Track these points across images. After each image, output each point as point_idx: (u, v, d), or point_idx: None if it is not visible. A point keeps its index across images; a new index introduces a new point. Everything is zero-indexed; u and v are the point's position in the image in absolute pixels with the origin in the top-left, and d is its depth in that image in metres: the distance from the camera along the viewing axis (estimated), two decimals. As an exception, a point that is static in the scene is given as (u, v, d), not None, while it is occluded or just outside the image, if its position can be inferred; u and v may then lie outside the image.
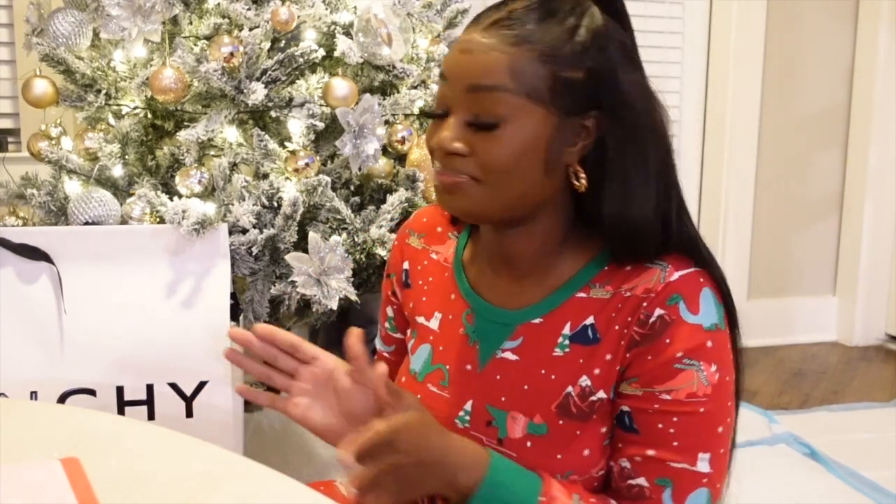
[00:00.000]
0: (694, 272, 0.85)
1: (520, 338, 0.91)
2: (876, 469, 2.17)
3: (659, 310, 0.83)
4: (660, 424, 0.84)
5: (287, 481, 0.73)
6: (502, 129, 0.83)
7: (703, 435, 0.84)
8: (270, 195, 1.46)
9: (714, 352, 0.84)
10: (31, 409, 0.88)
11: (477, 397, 0.92)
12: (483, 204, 0.86)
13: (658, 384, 0.83)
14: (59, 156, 1.55)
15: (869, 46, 3.17)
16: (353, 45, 1.53)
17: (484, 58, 0.82)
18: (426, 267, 1.03)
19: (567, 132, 0.84)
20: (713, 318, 0.84)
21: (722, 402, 0.84)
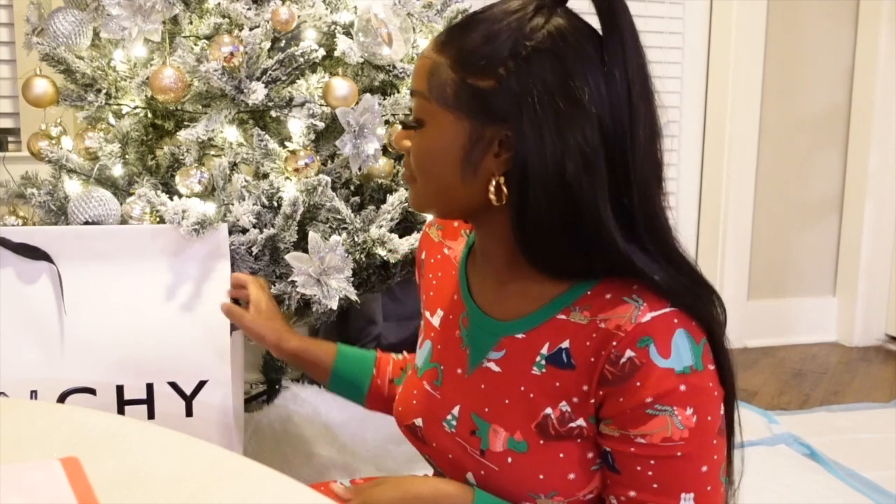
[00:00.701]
0: (668, 313, 0.81)
1: (503, 350, 0.91)
2: (876, 469, 2.16)
3: (629, 351, 0.81)
4: (638, 467, 0.83)
5: (287, 481, 0.73)
6: (422, 130, 0.86)
7: (684, 476, 0.83)
8: (270, 195, 1.46)
9: (688, 395, 0.81)
10: (31, 408, 0.88)
11: (464, 403, 0.93)
12: (416, 198, 0.91)
13: (632, 428, 0.82)
14: (59, 155, 1.55)
15: (869, 47, 3.17)
16: (353, 44, 1.53)
17: (418, 63, 0.87)
18: (439, 261, 1.04)
19: (486, 140, 0.83)
20: (686, 360, 0.81)
21: (703, 443, 0.83)
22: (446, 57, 0.84)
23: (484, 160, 0.84)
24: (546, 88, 0.80)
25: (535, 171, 0.81)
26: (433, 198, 0.89)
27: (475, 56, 0.82)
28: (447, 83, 0.84)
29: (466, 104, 0.83)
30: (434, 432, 0.95)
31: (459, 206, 0.88)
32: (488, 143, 0.83)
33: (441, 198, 0.89)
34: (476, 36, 0.83)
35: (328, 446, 1.91)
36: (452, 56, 0.84)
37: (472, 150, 0.84)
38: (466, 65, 0.83)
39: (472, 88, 0.82)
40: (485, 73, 0.82)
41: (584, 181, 0.80)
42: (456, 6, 1.79)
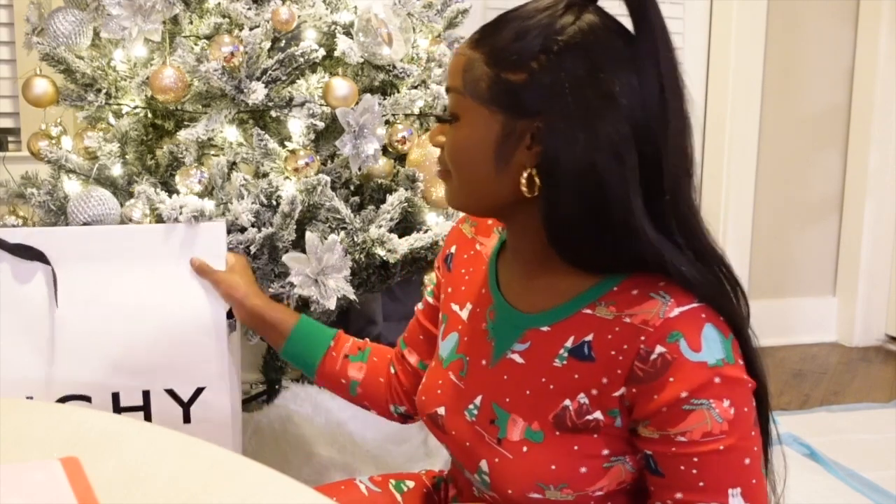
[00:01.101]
0: (696, 308, 0.83)
1: (528, 342, 0.92)
2: (875, 469, 2.16)
3: (659, 347, 0.82)
4: (682, 466, 0.83)
5: (287, 481, 0.73)
6: (457, 125, 0.89)
7: (729, 471, 0.82)
8: (269, 193, 1.46)
9: (724, 387, 0.81)
10: (31, 408, 0.88)
11: (486, 393, 0.94)
12: (452, 195, 0.94)
13: (670, 427, 0.82)
14: (58, 155, 1.55)
15: (869, 47, 3.17)
16: (353, 44, 1.53)
17: (453, 60, 0.90)
18: (471, 256, 1.06)
19: (518, 134, 0.85)
20: (718, 353, 0.82)
21: (743, 435, 0.83)
22: (480, 53, 0.87)
23: (516, 153, 0.85)
24: (576, 82, 0.82)
25: (565, 164, 0.82)
26: (468, 193, 0.91)
27: (508, 51, 0.85)
28: (481, 78, 0.86)
29: (499, 98, 0.85)
30: (454, 421, 0.97)
31: (492, 201, 0.90)
32: (520, 137, 0.85)
33: (475, 192, 0.90)
34: (508, 32, 0.86)
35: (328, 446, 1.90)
36: (486, 52, 0.86)
37: (504, 144, 0.86)
38: (499, 60, 0.85)
39: (506, 83, 0.85)
40: (517, 68, 0.84)
41: (615, 173, 0.82)
42: (456, 6, 1.79)
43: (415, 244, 1.52)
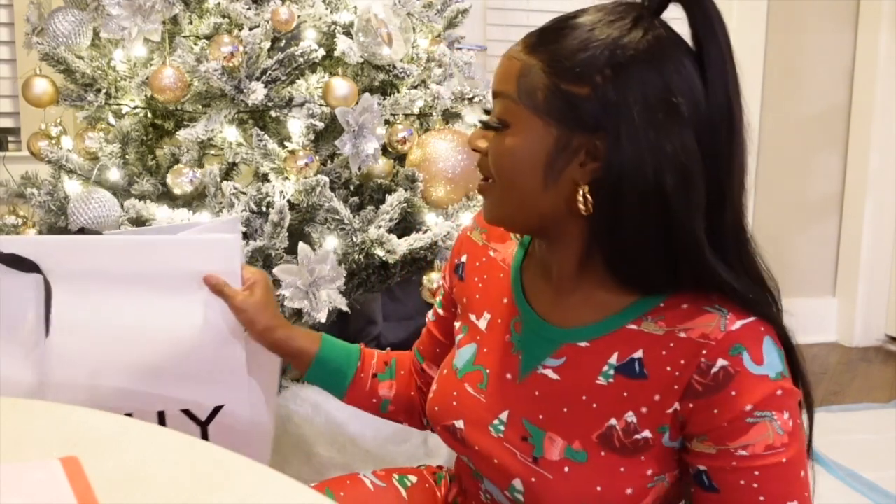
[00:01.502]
0: (755, 321, 0.82)
1: (563, 357, 0.89)
2: (875, 470, 2.16)
3: (721, 360, 0.80)
4: (742, 481, 0.81)
5: (287, 481, 0.73)
6: (505, 133, 0.84)
7: (788, 484, 0.81)
8: (259, 200, 1.45)
9: (784, 400, 0.81)
10: (31, 408, 0.88)
11: (514, 409, 0.91)
12: (496, 207, 0.89)
13: (731, 441, 0.81)
14: (58, 155, 1.56)
15: (869, 48, 3.17)
16: (353, 44, 1.53)
17: (505, 64, 0.85)
18: (484, 264, 1.02)
19: (573, 148, 0.82)
20: (778, 366, 0.81)
21: (800, 447, 0.82)
22: (538, 60, 0.82)
23: (568, 168, 0.82)
24: (645, 98, 0.79)
25: (630, 183, 0.79)
26: (510, 204, 0.87)
27: (571, 62, 0.80)
28: (538, 87, 0.82)
29: (557, 110, 0.81)
30: (477, 436, 0.93)
31: (534, 215, 0.86)
32: (574, 152, 0.81)
33: (518, 205, 0.86)
34: (572, 42, 0.81)
35: (328, 446, 1.90)
36: (546, 60, 0.82)
37: (557, 158, 0.82)
38: (561, 70, 0.81)
39: (566, 94, 0.81)
40: (580, 80, 0.80)
41: (682, 193, 0.80)
42: (456, 6, 1.79)
43: (414, 244, 1.52)
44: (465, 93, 1.75)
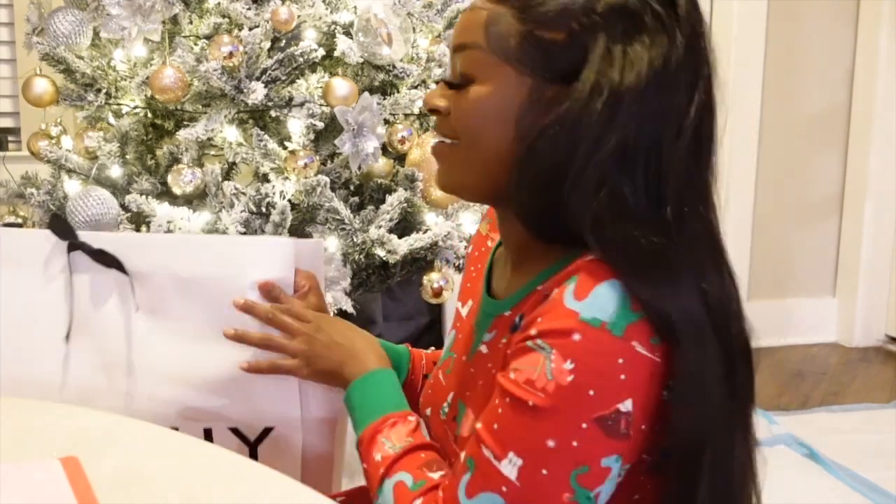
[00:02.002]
0: (612, 266, 0.70)
1: (494, 330, 0.85)
2: (875, 470, 2.16)
3: (556, 289, 0.71)
4: (496, 399, 0.73)
5: (287, 481, 0.73)
6: (473, 88, 0.78)
7: (522, 433, 0.70)
8: (258, 201, 1.45)
9: (578, 348, 0.68)
10: (31, 408, 0.88)
11: (456, 389, 0.89)
12: (457, 170, 0.82)
13: (513, 359, 0.73)
14: (58, 155, 1.56)
15: (870, 47, 3.17)
16: (353, 44, 1.53)
17: (468, 15, 0.79)
18: (482, 253, 0.99)
19: (545, 100, 0.75)
20: (600, 313, 0.68)
21: (565, 413, 0.69)
22: (509, 7, 0.76)
23: (538, 122, 0.75)
24: (618, 44, 0.73)
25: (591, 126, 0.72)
26: (474, 166, 0.80)
27: (545, 7, 0.75)
28: (511, 34, 0.76)
29: (531, 58, 0.75)
30: (433, 421, 0.93)
31: (497, 178, 0.78)
32: (547, 104, 0.75)
33: (483, 165, 0.79)
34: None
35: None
36: (518, 6, 0.76)
37: (529, 110, 0.75)
38: (535, 15, 0.75)
39: (540, 41, 0.75)
40: (555, 26, 0.75)
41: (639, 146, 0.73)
42: (456, 6, 1.79)
43: (414, 244, 1.52)
44: (465, 93, 1.75)
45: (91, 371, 1.09)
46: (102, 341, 1.10)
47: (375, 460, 0.82)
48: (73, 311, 1.09)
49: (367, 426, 0.85)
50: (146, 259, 1.08)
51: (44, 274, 1.10)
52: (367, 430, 0.85)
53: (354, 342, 0.95)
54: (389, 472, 0.80)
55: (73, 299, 1.09)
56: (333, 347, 0.95)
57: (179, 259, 1.08)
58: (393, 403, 0.88)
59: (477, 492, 0.71)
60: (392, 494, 0.79)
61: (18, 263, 1.10)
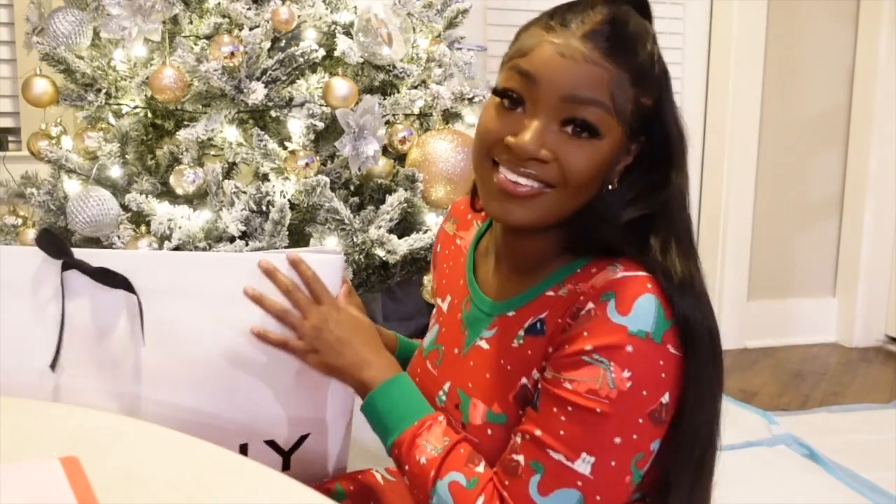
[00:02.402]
0: (642, 276, 0.82)
1: (495, 328, 0.93)
2: (875, 470, 2.16)
3: (591, 304, 0.82)
4: (555, 409, 0.82)
5: (287, 481, 0.73)
6: (597, 143, 0.83)
7: (593, 436, 0.80)
8: (258, 199, 1.45)
9: (631, 358, 0.79)
10: (31, 408, 0.88)
11: (454, 380, 0.96)
12: (545, 214, 0.86)
13: (563, 371, 0.82)
14: (58, 155, 1.56)
15: (870, 47, 3.17)
16: (353, 44, 1.53)
17: (587, 69, 0.82)
18: (452, 252, 1.07)
19: (626, 151, 0.87)
20: (644, 325, 0.80)
21: (627, 413, 0.80)
22: (625, 71, 0.83)
23: (614, 171, 0.87)
24: (670, 102, 0.88)
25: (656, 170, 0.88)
26: (568, 209, 0.86)
27: (649, 76, 0.85)
28: (628, 100, 0.83)
29: (635, 121, 0.85)
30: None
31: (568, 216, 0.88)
32: (626, 154, 0.87)
33: (574, 207, 0.86)
34: (644, 54, 0.85)
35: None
36: (631, 72, 0.83)
37: (615, 162, 0.86)
38: (642, 84, 0.84)
39: (643, 107, 0.85)
40: (650, 92, 0.85)
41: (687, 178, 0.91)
42: (456, 6, 1.79)
43: (414, 244, 1.52)
44: (465, 93, 1.76)
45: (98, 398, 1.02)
46: (107, 369, 1.03)
47: (420, 463, 0.89)
48: (61, 338, 1.01)
49: (404, 431, 0.91)
50: (157, 278, 1.02)
51: (33, 297, 1.01)
52: (405, 434, 0.91)
53: (367, 344, 0.99)
54: (440, 472, 0.87)
55: (63, 325, 1.01)
56: (345, 344, 0.98)
57: (208, 277, 1.03)
58: (423, 407, 0.94)
59: (551, 490, 0.81)
60: (449, 494, 0.86)
61: (7, 286, 1.01)
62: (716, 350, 0.85)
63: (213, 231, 1.44)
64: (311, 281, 1.00)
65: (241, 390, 1.05)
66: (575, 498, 0.81)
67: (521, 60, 0.84)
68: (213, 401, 1.05)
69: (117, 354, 1.03)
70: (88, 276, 1.00)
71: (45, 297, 1.01)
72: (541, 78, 0.82)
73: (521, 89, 0.84)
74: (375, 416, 0.95)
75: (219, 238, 1.43)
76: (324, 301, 1.00)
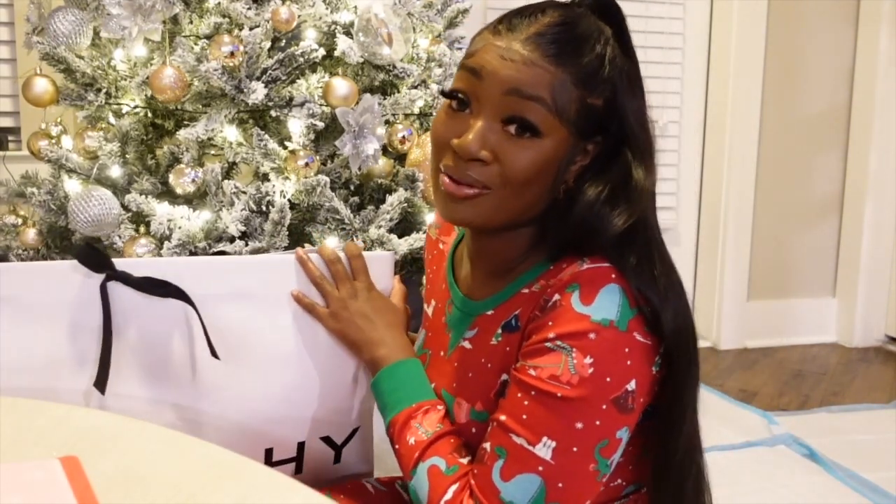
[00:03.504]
0: (606, 267, 0.83)
1: (476, 328, 0.95)
2: (875, 470, 2.16)
3: (557, 295, 0.84)
4: (519, 394, 0.84)
5: (287, 481, 0.73)
6: (537, 142, 0.85)
7: (554, 420, 0.81)
8: (258, 199, 1.45)
9: (594, 345, 0.81)
10: (31, 408, 0.88)
11: (438, 382, 0.98)
12: (488, 214, 0.88)
13: (529, 359, 0.84)
14: (58, 155, 1.56)
15: (870, 47, 3.17)
16: (353, 44, 1.53)
17: (528, 70, 0.84)
18: (435, 256, 1.09)
19: (574, 153, 0.87)
20: (607, 313, 0.81)
21: (589, 399, 0.81)
22: (567, 73, 0.84)
23: (567, 171, 0.87)
24: (629, 100, 0.88)
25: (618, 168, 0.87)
26: (512, 210, 0.88)
27: (595, 78, 0.85)
28: (572, 100, 0.85)
29: (583, 122, 0.85)
30: None
31: (526, 217, 0.89)
32: (581, 155, 0.88)
33: (519, 209, 0.88)
34: (591, 57, 0.85)
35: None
36: (574, 74, 0.85)
37: (568, 163, 0.87)
38: (588, 85, 0.85)
39: (590, 108, 0.86)
40: (598, 93, 0.86)
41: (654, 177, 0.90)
42: (456, 6, 1.79)
43: (414, 244, 1.52)
44: (466, 93, 1.75)
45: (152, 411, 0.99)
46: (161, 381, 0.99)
47: (409, 443, 0.91)
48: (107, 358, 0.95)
49: (401, 411, 0.94)
50: (204, 284, 0.99)
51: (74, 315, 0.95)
52: (401, 414, 0.94)
53: (388, 326, 1.03)
54: (424, 455, 0.90)
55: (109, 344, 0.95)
56: (367, 319, 1.03)
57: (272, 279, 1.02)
58: (424, 392, 0.97)
59: (513, 475, 0.82)
60: (427, 477, 0.88)
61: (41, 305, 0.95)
62: (689, 337, 0.87)
63: (213, 231, 1.44)
64: (353, 258, 1.06)
65: (298, 389, 1.05)
66: (536, 483, 0.81)
67: (468, 60, 0.88)
68: (271, 403, 1.04)
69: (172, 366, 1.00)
70: (134, 288, 0.95)
71: (86, 313, 0.96)
72: (484, 73, 0.85)
73: (467, 88, 0.87)
74: (379, 394, 0.98)
75: (219, 238, 1.43)
76: (359, 278, 1.05)
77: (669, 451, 0.89)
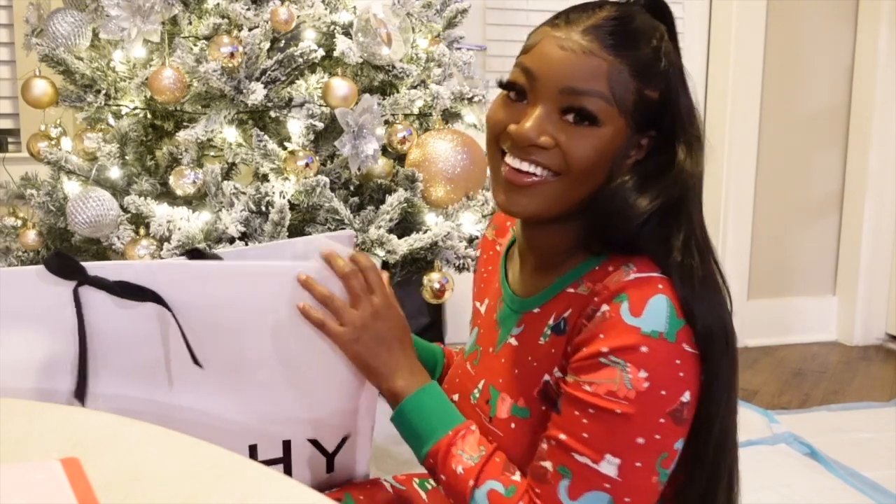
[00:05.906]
0: (653, 277, 0.84)
1: (523, 325, 0.96)
2: (876, 469, 2.16)
3: (605, 306, 0.83)
4: (576, 412, 0.84)
5: (287, 481, 0.73)
6: (597, 130, 0.86)
7: (616, 437, 0.82)
8: (258, 200, 1.45)
9: (647, 358, 0.81)
10: (31, 409, 0.88)
11: (487, 377, 0.99)
12: (546, 204, 0.88)
13: (582, 374, 0.84)
14: (58, 156, 1.56)
15: (869, 46, 3.17)
16: (352, 45, 1.53)
17: (586, 60, 0.85)
18: (491, 257, 1.11)
19: (630, 145, 0.88)
20: (657, 325, 0.81)
21: (647, 413, 0.82)
22: (625, 64, 0.86)
23: (622, 163, 0.88)
24: (682, 95, 0.90)
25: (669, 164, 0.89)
26: (573, 198, 0.88)
27: (652, 70, 0.87)
28: (629, 91, 0.86)
29: (639, 113, 0.87)
30: (463, 405, 1.00)
31: (579, 205, 0.89)
32: (637, 148, 0.89)
33: (579, 198, 0.88)
34: (647, 48, 0.87)
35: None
36: (632, 65, 0.86)
37: (625, 154, 0.88)
38: (645, 76, 0.86)
39: (647, 100, 0.87)
40: (655, 85, 0.87)
41: (702, 170, 0.93)
42: (455, 6, 1.79)
43: (414, 245, 1.52)
44: (465, 93, 1.76)
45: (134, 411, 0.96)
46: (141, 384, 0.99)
47: (458, 473, 0.91)
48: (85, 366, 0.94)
49: (438, 441, 0.93)
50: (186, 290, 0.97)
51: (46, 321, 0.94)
52: (440, 444, 0.93)
53: (404, 349, 1.00)
54: (479, 482, 0.89)
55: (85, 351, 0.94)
56: (386, 345, 0.99)
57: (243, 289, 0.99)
58: (455, 416, 0.96)
59: (581, 493, 0.83)
60: (488, 503, 0.88)
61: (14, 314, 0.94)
62: (730, 348, 0.87)
63: (213, 232, 1.44)
64: (368, 270, 1.00)
65: (279, 389, 1.03)
66: (605, 500, 0.82)
67: (524, 57, 0.89)
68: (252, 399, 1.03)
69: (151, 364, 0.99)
70: (109, 293, 0.93)
71: (60, 319, 0.94)
72: (540, 73, 0.86)
73: (524, 83, 0.88)
74: (407, 426, 0.96)
75: (218, 239, 1.43)
76: (376, 293, 0.99)
77: (699, 462, 0.89)
